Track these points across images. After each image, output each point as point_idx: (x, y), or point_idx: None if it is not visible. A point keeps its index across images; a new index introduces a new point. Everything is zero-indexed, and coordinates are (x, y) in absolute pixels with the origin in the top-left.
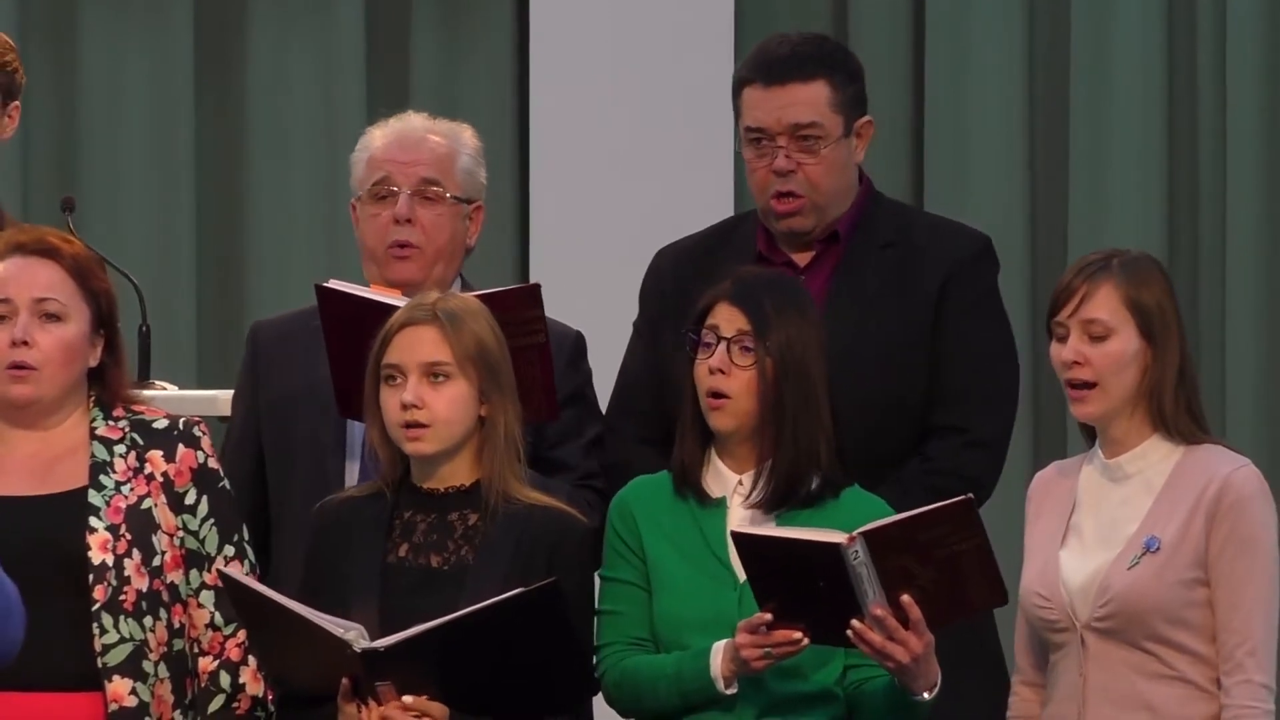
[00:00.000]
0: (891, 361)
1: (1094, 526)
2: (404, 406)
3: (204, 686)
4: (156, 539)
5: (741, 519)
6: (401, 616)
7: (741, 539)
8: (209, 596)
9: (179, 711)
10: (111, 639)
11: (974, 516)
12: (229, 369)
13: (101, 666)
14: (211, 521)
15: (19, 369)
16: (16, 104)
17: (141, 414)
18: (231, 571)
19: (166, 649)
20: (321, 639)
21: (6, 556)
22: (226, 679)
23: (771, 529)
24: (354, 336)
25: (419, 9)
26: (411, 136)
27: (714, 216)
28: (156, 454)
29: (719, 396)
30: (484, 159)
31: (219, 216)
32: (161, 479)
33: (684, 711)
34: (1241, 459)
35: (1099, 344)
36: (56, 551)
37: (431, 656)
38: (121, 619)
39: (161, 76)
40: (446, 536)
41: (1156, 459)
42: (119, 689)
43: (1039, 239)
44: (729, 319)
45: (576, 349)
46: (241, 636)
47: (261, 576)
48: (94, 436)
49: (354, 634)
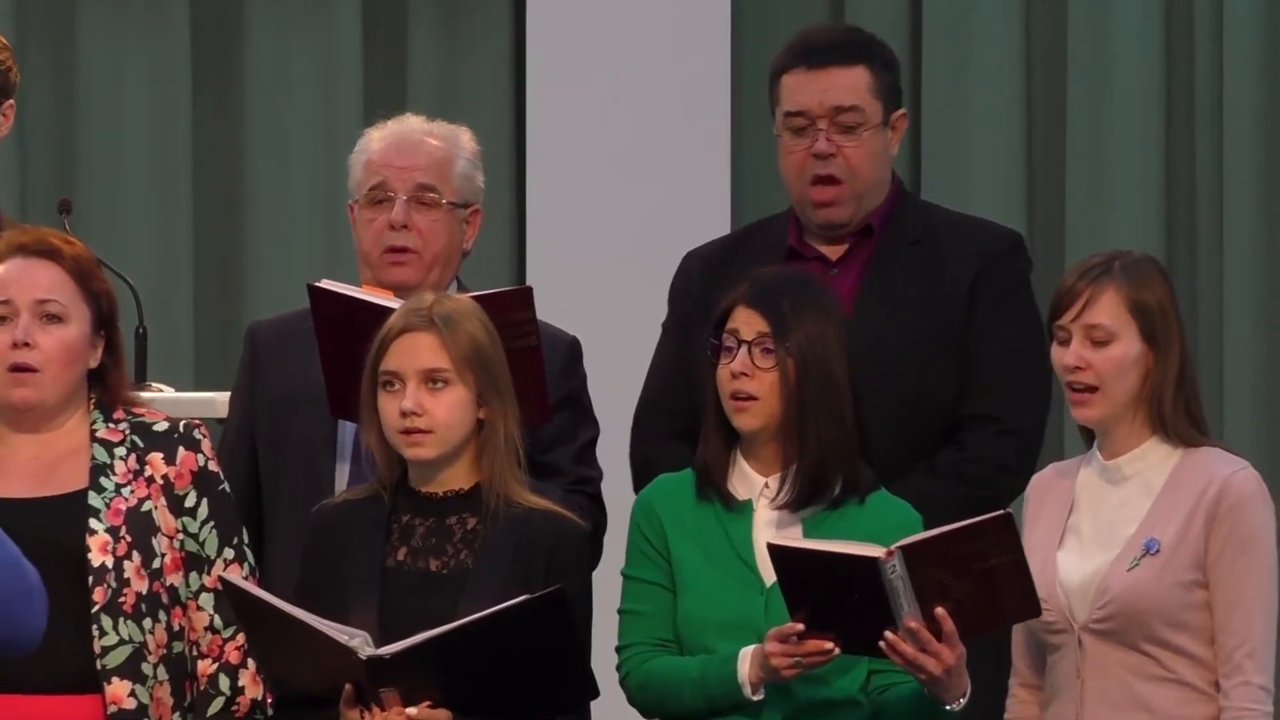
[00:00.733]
0: (923, 357)
1: (1092, 528)
2: (404, 414)
3: (203, 689)
4: (156, 541)
5: (768, 521)
6: (401, 620)
7: (776, 550)
8: (208, 599)
9: (178, 714)
10: (111, 641)
11: (1013, 531)
12: (226, 371)
13: (101, 669)
14: (211, 524)
15: (20, 371)
16: (11, 103)
17: (142, 416)
18: (232, 577)
19: (166, 651)
20: (325, 645)
21: None
22: (226, 682)
23: (809, 541)
24: (346, 337)
25: (417, 9)
26: (409, 140)
27: (711, 218)
28: (157, 456)
29: (743, 399)
30: (482, 162)
31: (217, 217)
32: (162, 481)
33: (708, 715)
34: (1241, 461)
35: (1101, 348)
36: (56, 553)
37: (436, 663)
38: (121, 621)
39: (160, 77)
40: (445, 540)
41: (1155, 461)
42: (118, 691)
43: (1037, 238)
44: (748, 321)
45: (571, 353)
46: (241, 640)
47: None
48: (94, 439)
49: (359, 641)
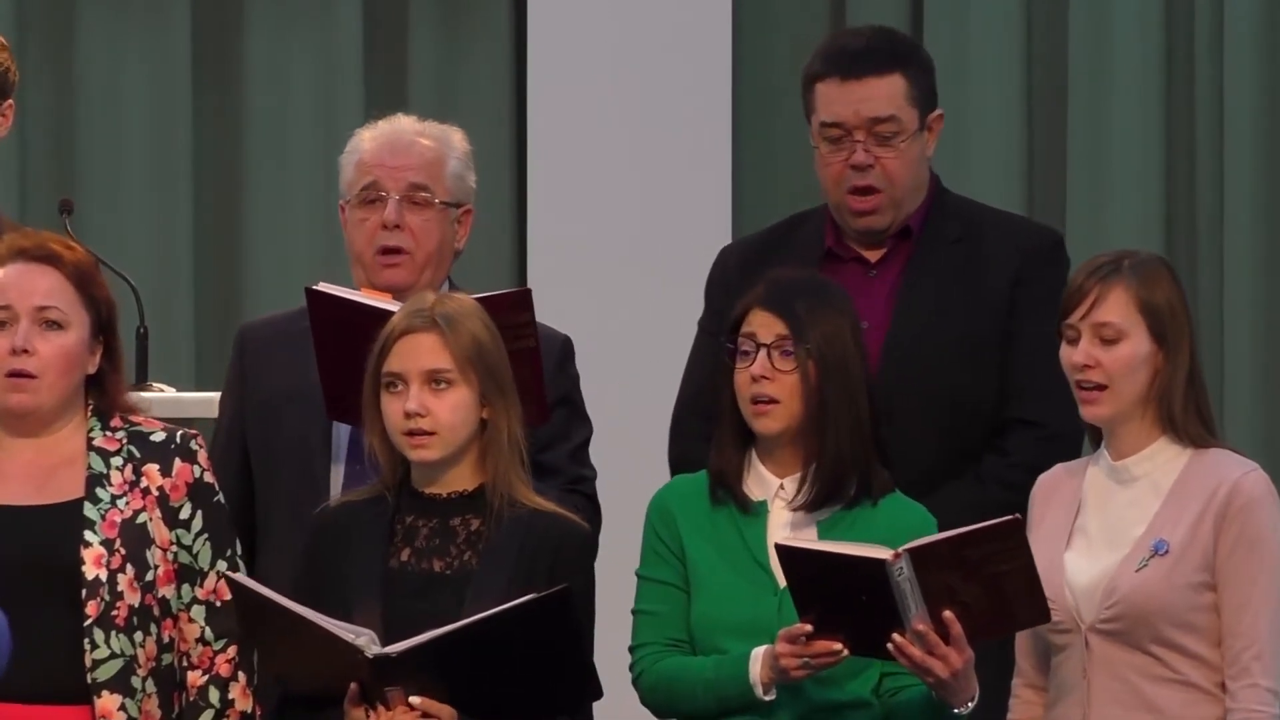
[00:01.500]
0: (963, 358)
1: (1100, 528)
2: (407, 415)
3: (193, 700)
4: (150, 554)
5: (784, 523)
6: (405, 621)
7: (785, 551)
8: (200, 611)
9: None
10: (103, 654)
11: (1022, 536)
12: (226, 370)
13: (91, 682)
14: (205, 536)
15: (19, 377)
16: (10, 102)
17: (139, 425)
18: (238, 575)
19: (155, 664)
20: (331, 644)
21: (3, 566)
22: (216, 694)
23: (817, 543)
24: (343, 339)
25: (417, 10)
26: (400, 140)
27: (712, 219)
28: (153, 468)
29: (764, 402)
30: (474, 162)
31: (217, 218)
32: (157, 493)
33: (720, 715)
34: (1250, 463)
35: (1110, 347)
36: (50, 564)
37: (441, 662)
38: (113, 634)
39: (160, 77)
40: (449, 541)
41: (1164, 461)
42: (108, 705)
43: None
44: (765, 325)
45: (564, 353)
46: (232, 652)
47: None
48: (91, 447)
49: (365, 640)
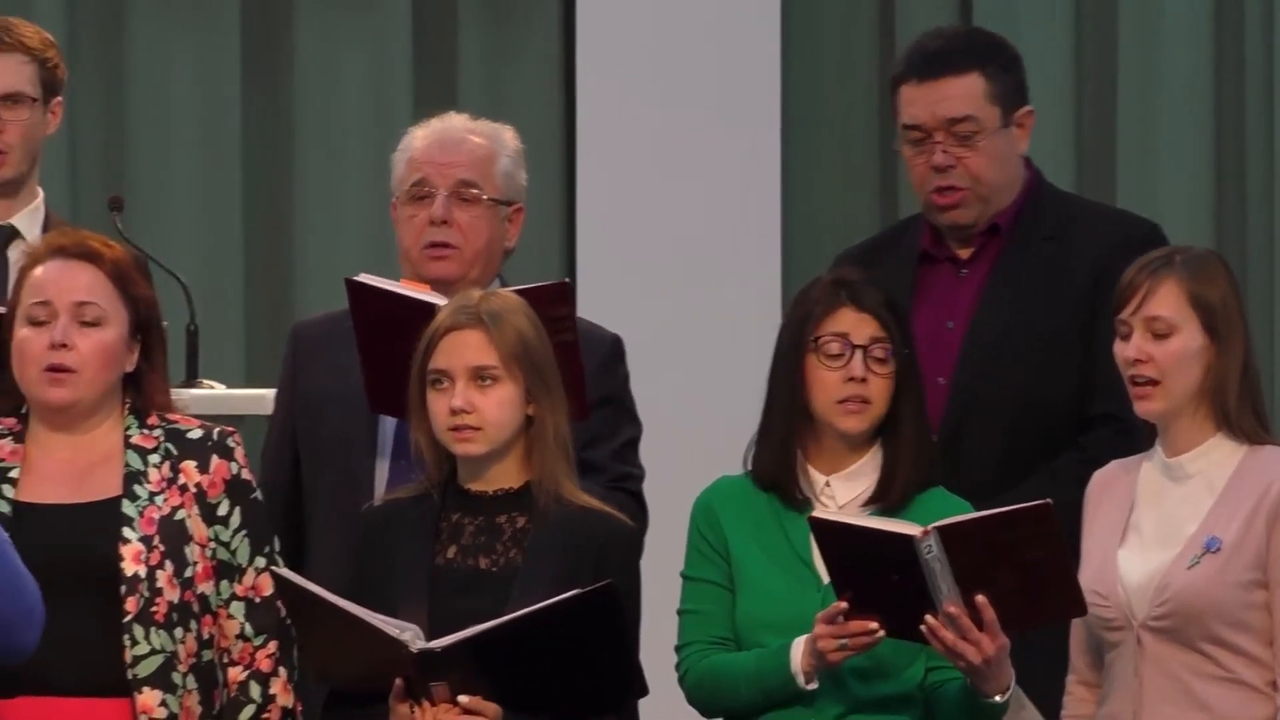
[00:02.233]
0: (1044, 356)
1: (1153, 525)
2: (453, 411)
3: (233, 697)
4: (189, 550)
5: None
6: (450, 618)
7: (818, 524)
8: (239, 607)
9: None
10: (142, 650)
11: (1053, 523)
12: (277, 367)
13: (132, 678)
14: (244, 533)
15: (57, 371)
16: (59, 100)
17: (176, 423)
18: (283, 571)
19: (195, 660)
20: (376, 639)
21: (41, 564)
22: (256, 690)
23: (847, 516)
24: (384, 330)
25: (466, 8)
26: (451, 137)
27: (760, 217)
28: (190, 464)
29: (858, 402)
30: (525, 160)
31: (267, 215)
32: (195, 490)
33: (766, 709)
34: None
35: (1162, 341)
36: (89, 561)
37: (487, 657)
38: (152, 630)
39: (209, 75)
40: (495, 539)
41: (1219, 458)
42: (148, 700)
43: None
44: (857, 325)
45: (613, 352)
46: (272, 648)
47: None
48: (128, 445)
49: (410, 634)
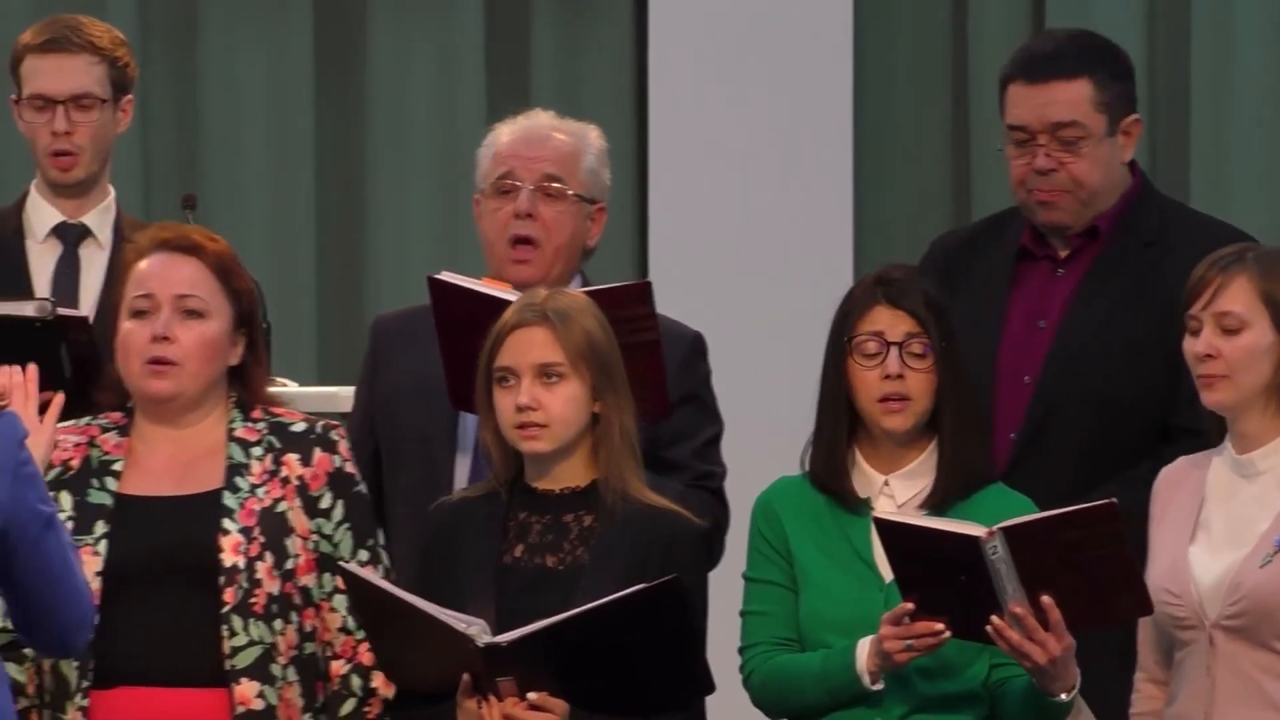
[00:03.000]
0: (1131, 363)
1: (1224, 523)
2: (519, 408)
3: (335, 690)
4: (289, 542)
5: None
6: (517, 616)
7: (883, 525)
8: (342, 600)
9: (309, 715)
10: (240, 641)
11: (1116, 523)
12: (349, 365)
13: (230, 669)
14: (346, 525)
15: (158, 364)
16: (130, 98)
17: (279, 416)
18: (351, 567)
19: (296, 652)
20: (443, 634)
21: (141, 556)
22: (358, 682)
23: (912, 517)
24: (465, 328)
25: (538, 4)
26: (537, 133)
27: (833, 215)
28: (293, 457)
29: (897, 400)
30: (609, 160)
31: (339, 213)
32: (297, 482)
33: (831, 709)
34: None
35: (1232, 337)
36: (189, 553)
37: (553, 652)
38: (251, 622)
39: (281, 74)
40: (562, 537)
41: None
42: (246, 691)
43: None
44: (892, 323)
45: (694, 349)
46: None
47: None
48: (231, 438)
49: (476, 629)
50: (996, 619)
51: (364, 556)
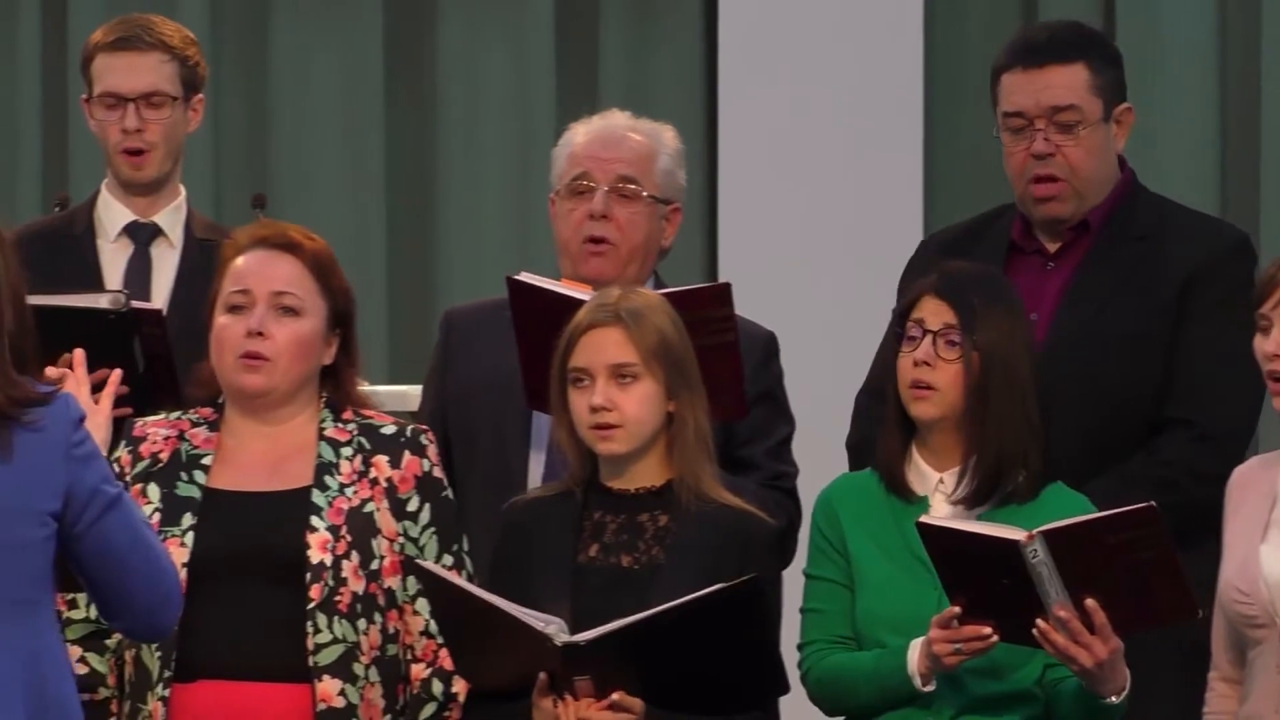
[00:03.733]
0: (1123, 355)
1: None
2: (593, 409)
3: (415, 693)
4: (376, 543)
5: (943, 516)
6: (592, 616)
7: (925, 530)
8: (425, 604)
9: (389, 716)
10: (324, 639)
11: (1159, 525)
12: (420, 364)
13: (312, 665)
14: (432, 530)
15: (252, 359)
16: (200, 97)
17: (370, 419)
18: (427, 564)
19: (379, 653)
20: (521, 633)
21: (228, 550)
22: (439, 687)
23: (952, 521)
24: (543, 329)
25: (608, 6)
26: (613, 134)
27: (903, 215)
28: (382, 459)
29: (923, 388)
30: (684, 161)
31: (410, 212)
32: (385, 484)
33: (884, 709)
34: None
35: None
36: (276, 548)
37: (631, 651)
38: (335, 620)
39: (352, 73)
40: (637, 537)
41: None
42: (328, 689)
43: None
44: (935, 312)
45: (768, 349)
46: None
47: None
48: (322, 437)
49: (554, 628)
50: (1042, 622)
51: (448, 561)
